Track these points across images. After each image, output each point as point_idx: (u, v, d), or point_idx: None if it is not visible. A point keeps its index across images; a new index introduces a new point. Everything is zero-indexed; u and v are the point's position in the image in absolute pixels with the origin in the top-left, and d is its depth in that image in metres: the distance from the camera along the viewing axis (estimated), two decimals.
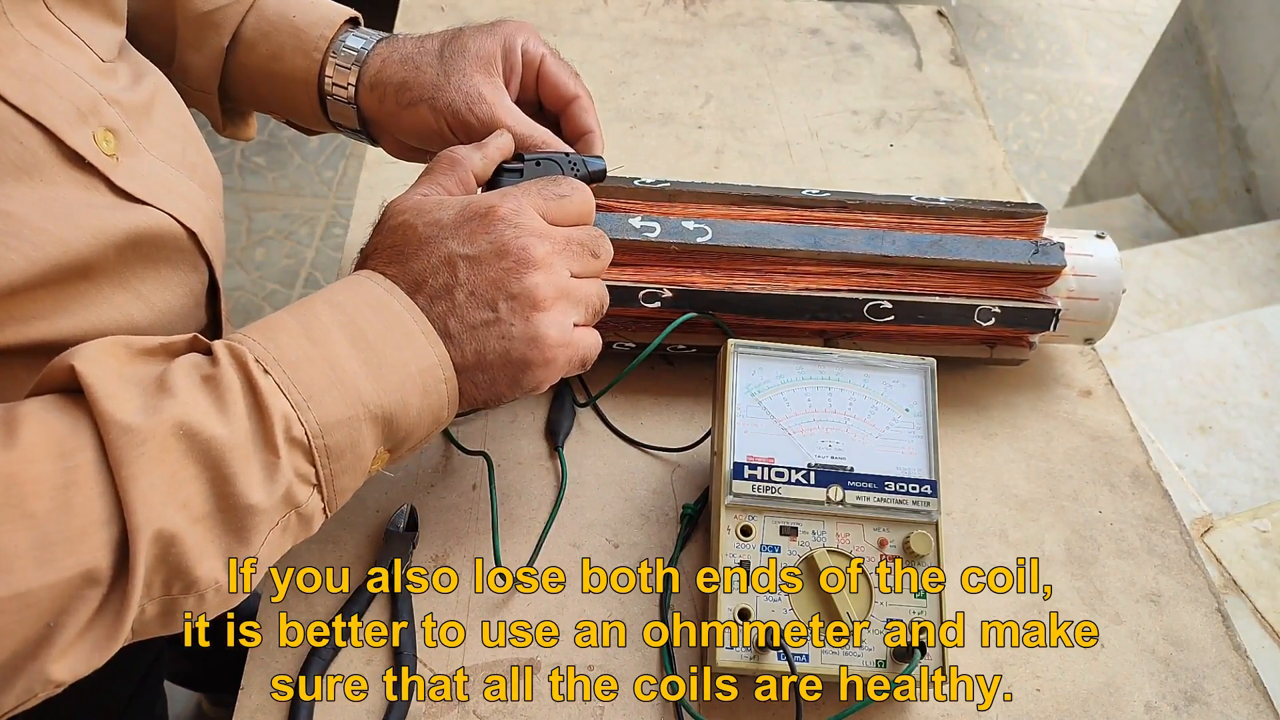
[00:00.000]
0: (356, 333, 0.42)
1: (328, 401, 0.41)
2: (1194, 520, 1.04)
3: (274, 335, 0.41)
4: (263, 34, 0.58)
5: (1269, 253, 1.55)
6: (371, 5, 1.06)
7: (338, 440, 0.41)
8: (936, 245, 0.62)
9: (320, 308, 0.43)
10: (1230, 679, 0.56)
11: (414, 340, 0.43)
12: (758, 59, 0.95)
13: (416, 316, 0.44)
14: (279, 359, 0.40)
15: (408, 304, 0.44)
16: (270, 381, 0.40)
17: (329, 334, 0.42)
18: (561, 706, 0.52)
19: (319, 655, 0.52)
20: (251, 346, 0.40)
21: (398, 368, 0.43)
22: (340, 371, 0.41)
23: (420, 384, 0.43)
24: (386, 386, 0.42)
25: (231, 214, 1.97)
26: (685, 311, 0.60)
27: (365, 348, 0.42)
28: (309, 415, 0.40)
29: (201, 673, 1.17)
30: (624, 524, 0.60)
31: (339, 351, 0.42)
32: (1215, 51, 1.71)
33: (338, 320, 0.43)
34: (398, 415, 0.43)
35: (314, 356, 0.41)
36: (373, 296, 0.44)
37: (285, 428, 0.39)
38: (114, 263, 0.44)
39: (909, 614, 0.52)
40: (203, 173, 0.52)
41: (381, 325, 0.43)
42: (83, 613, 0.36)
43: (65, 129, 0.42)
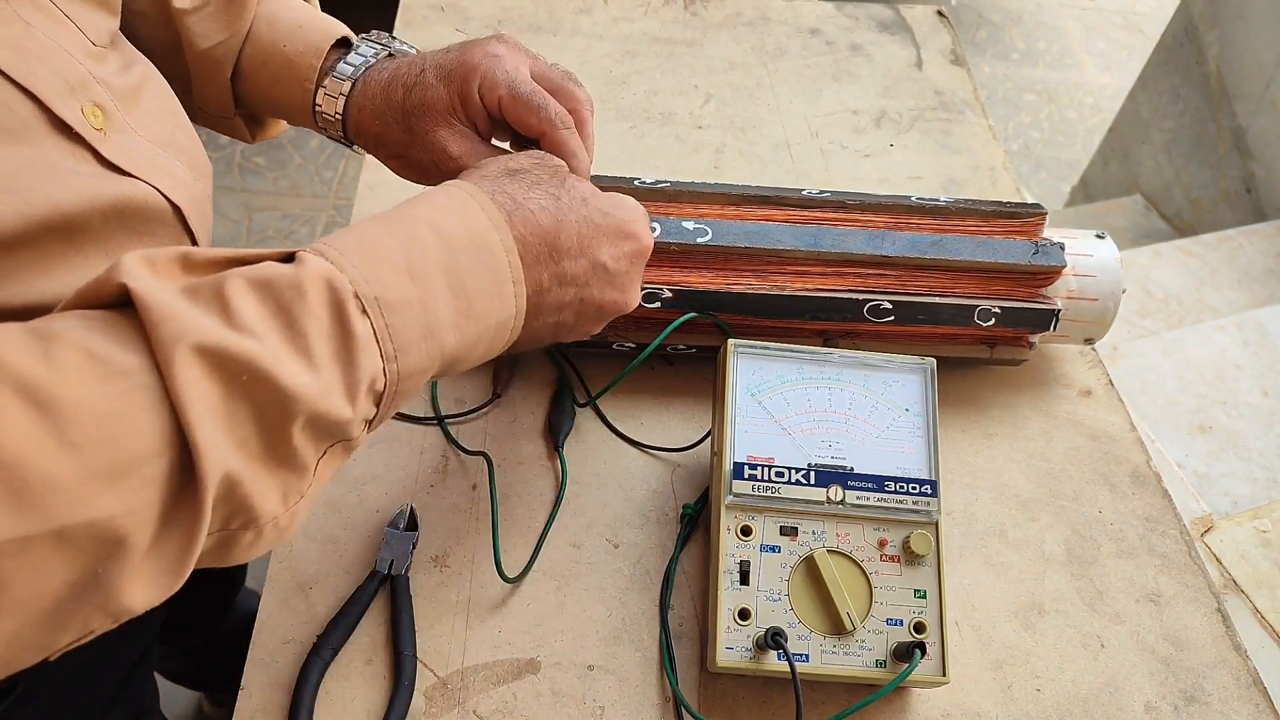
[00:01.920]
0: (456, 274, 0.41)
1: (414, 352, 0.39)
2: (1194, 520, 1.04)
3: (378, 265, 0.38)
4: (259, 64, 0.60)
5: (1269, 253, 1.55)
6: (372, 5, 1.06)
7: (408, 387, 0.40)
8: (936, 245, 0.62)
9: (425, 233, 0.41)
10: (1230, 679, 0.56)
11: (503, 291, 0.43)
12: (758, 59, 0.95)
13: (514, 262, 0.43)
14: (381, 299, 0.38)
15: (510, 245, 0.43)
16: (367, 327, 0.37)
17: (431, 272, 0.40)
18: (561, 706, 0.52)
19: (319, 655, 0.52)
20: (354, 276, 0.37)
21: (481, 318, 0.42)
22: (434, 321, 0.40)
23: (492, 335, 0.43)
24: (467, 337, 0.41)
25: (231, 214, 1.97)
26: (685, 312, 0.60)
27: (461, 294, 0.41)
28: (394, 365, 0.38)
29: (201, 672, 1.17)
30: (624, 524, 0.60)
31: (438, 297, 0.40)
32: (1215, 51, 1.71)
33: (441, 254, 0.40)
34: (461, 360, 0.42)
35: (414, 301, 0.39)
36: (479, 230, 0.42)
37: (370, 382, 0.38)
38: (99, 228, 0.44)
39: (909, 614, 0.52)
40: (190, 155, 0.53)
41: (480, 267, 0.42)
42: (137, 548, 0.33)
43: (55, 99, 0.43)
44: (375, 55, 0.59)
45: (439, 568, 0.57)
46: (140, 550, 0.33)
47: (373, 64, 0.58)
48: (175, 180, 0.49)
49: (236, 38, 0.59)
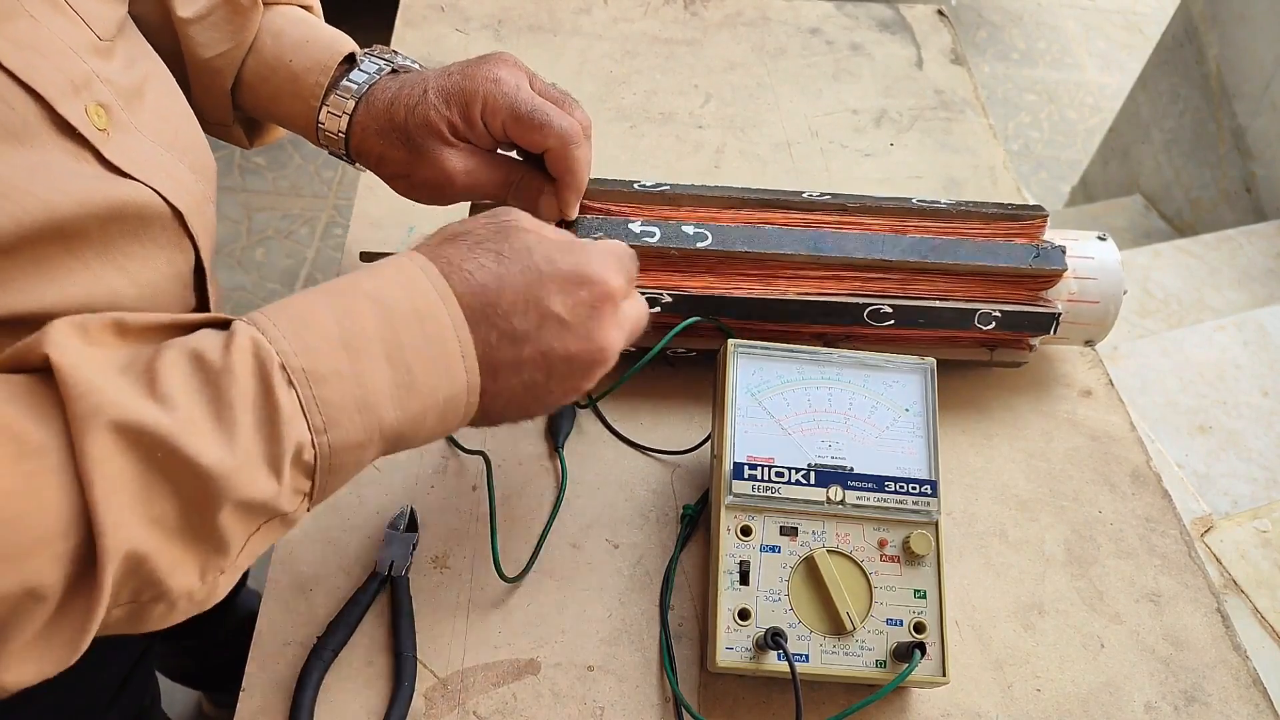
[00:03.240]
0: (396, 347, 0.39)
1: (347, 425, 0.38)
2: (1194, 520, 1.04)
3: (308, 333, 0.38)
4: (262, 78, 0.60)
5: (1269, 253, 1.55)
6: (372, 5, 1.06)
7: (343, 460, 0.39)
8: (937, 249, 0.62)
9: (364, 305, 0.39)
10: (1230, 679, 0.56)
11: (451, 365, 0.41)
12: (758, 59, 0.95)
13: (463, 336, 0.41)
14: (310, 370, 0.37)
15: (459, 319, 0.41)
16: (293, 399, 0.36)
17: (368, 344, 0.39)
18: (561, 707, 0.52)
19: (319, 656, 0.52)
20: (282, 347, 0.37)
21: (427, 393, 0.40)
22: (370, 395, 0.38)
23: (441, 411, 0.41)
24: (410, 413, 0.40)
25: (231, 214, 1.97)
26: (685, 316, 0.60)
27: (401, 368, 0.39)
28: (324, 439, 0.37)
29: (202, 671, 1.17)
30: (624, 524, 0.60)
31: (374, 370, 0.38)
32: (1215, 51, 1.71)
33: (380, 326, 0.39)
34: (408, 436, 0.41)
35: (346, 373, 0.38)
36: (425, 302, 0.40)
37: (296, 454, 0.37)
38: (97, 233, 0.44)
39: (909, 614, 0.52)
40: (194, 156, 0.53)
41: (423, 341, 0.40)
42: (29, 626, 0.33)
43: (58, 99, 0.42)
44: (379, 71, 0.59)
45: (439, 568, 0.57)
46: (32, 629, 0.33)
47: (376, 81, 0.59)
48: (177, 182, 0.49)
49: (239, 49, 0.59)
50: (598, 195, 0.62)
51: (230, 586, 0.39)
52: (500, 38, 0.93)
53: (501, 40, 0.93)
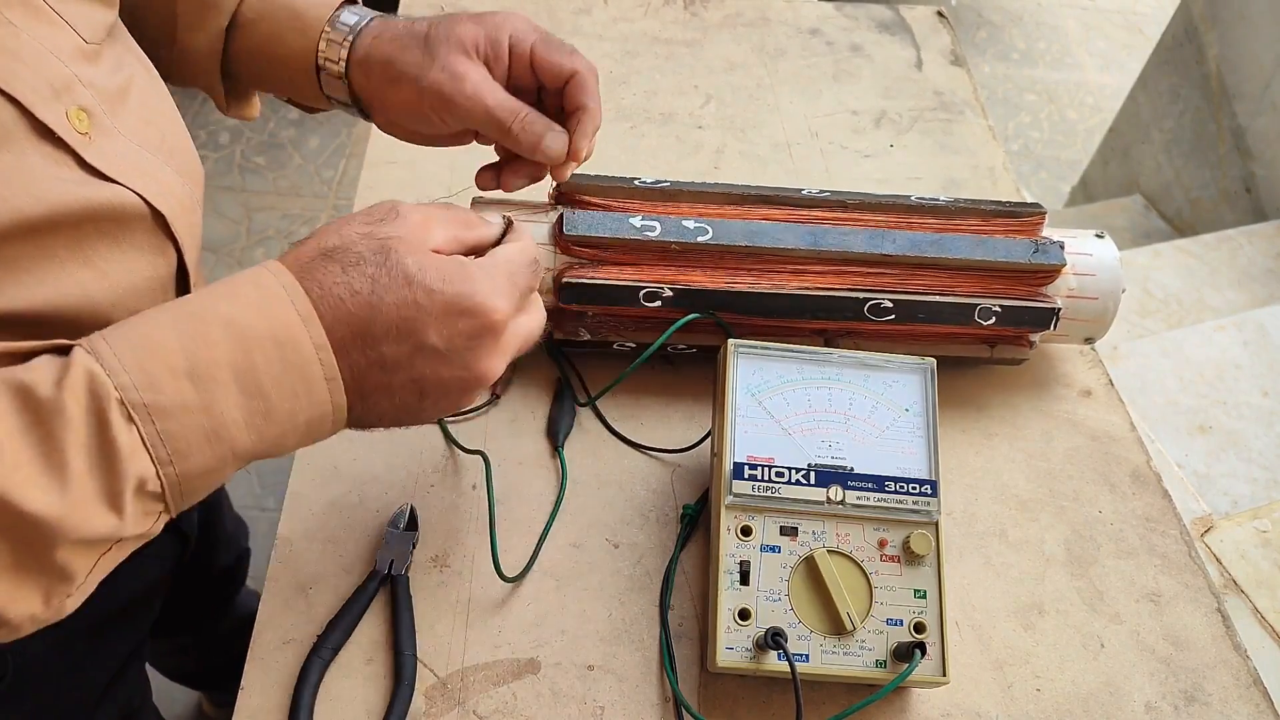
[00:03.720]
0: (250, 375, 0.38)
1: (196, 456, 0.37)
2: (1194, 520, 1.04)
3: (151, 363, 0.36)
4: (261, 15, 0.59)
5: (1269, 253, 1.55)
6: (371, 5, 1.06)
7: (196, 486, 0.38)
8: (936, 244, 0.62)
9: (216, 332, 0.38)
10: (1230, 679, 0.56)
11: (313, 390, 0.39)
12: (758, 59, 0.95)
13: (327, 359, 0.40)
14: (151, 405, 0.36)
15: (321, 341, 0.39)
16: (133, 436, 0.35)
17: (218, 373, 0.37)
18: (561, 706, 0.52)
19: (319, 655, 0.52)
20: (121, 380, 0.35)
21: (286, 418, 0.39)
22: (221, 425, 0.37)
23: (304, 432, 0.40)
24: (267, 438, 0.39)
25: (231, 214, 1.97)
26: (686, 311, 0.60)
27: (256, 395, 0.38)
28: (170, 469, 0.36)
29: (201, 671, 1.17)
30: (624, 524, 0.60)
31: (226, 399, 0.37)
32: (1215, 51, 1.71)
33: (232, 354, 0.38)
34: (271, 453, 0.40)
35: (193, 405, 0.36)
36: (283, 326, 0.39)
37: (138, 487, 0.36)
38: (70, 234, 0.44)
39: (909, 614, 0.52)
40: (181, 160, 0.52)
41: (281, 368, 0.38)
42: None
43: (38, 104, 0.42)
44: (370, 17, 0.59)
45: (439, 568, 0.57)
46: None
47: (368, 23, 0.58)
48: (160, 185, 0.49)
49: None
50: (598, 191, 0.62)
51: (79, 602, 0.38)
52: None
53: None
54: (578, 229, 0.59)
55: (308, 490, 0.59)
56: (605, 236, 0.59)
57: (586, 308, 0.61)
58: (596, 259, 0.60)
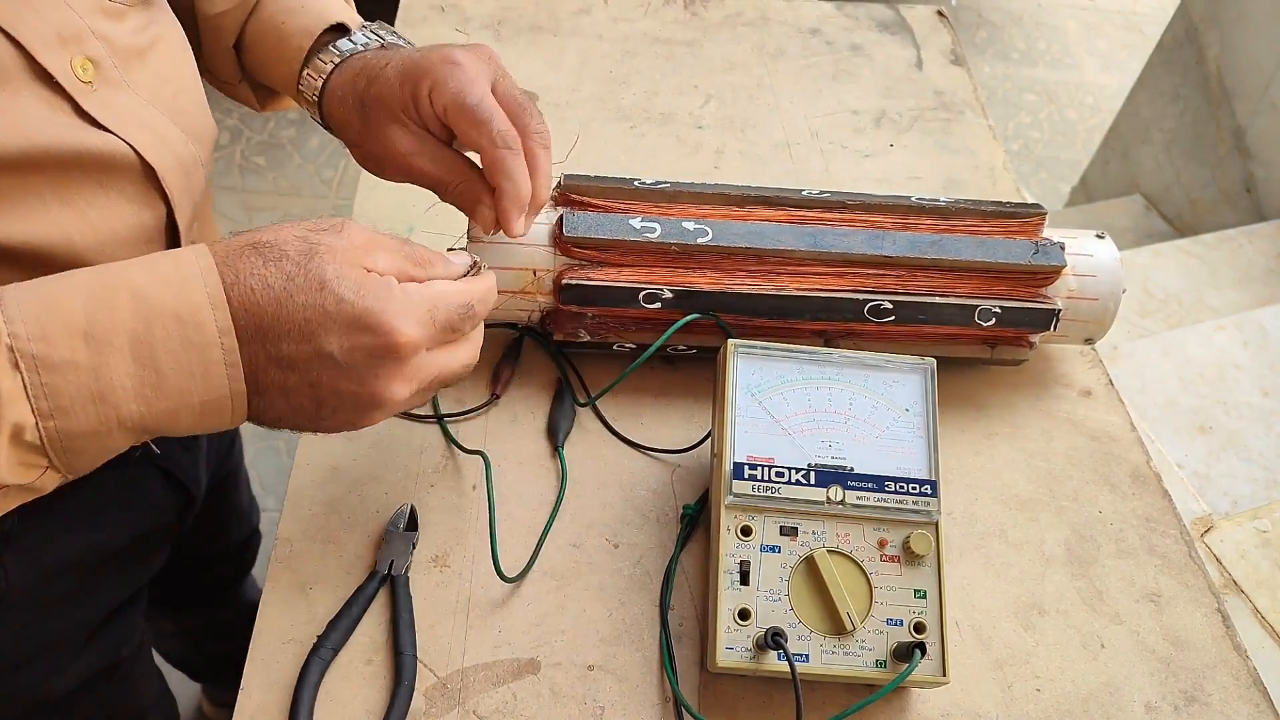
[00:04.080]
0: (146, 346, 0.39)
1: (79, 415, 0.38)
2: (1194, 520, 1.04)
3: (49, 318, 0.37)
4: (257, 39, 0.61)
5: (1269, 253, 1.55)
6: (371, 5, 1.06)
7: (80, 445, 0.39)
8: (937, 245, 0.62)
9: (123, 298, 0.39)
10: (1230, 679, 0.56)
11: (210, 371, 0.40)
12: (758, 59, 0.95)
13: (229, 345, 0.40)
14: (39, 357, 0.37)
15: (226, 327, 0.40)
16: (17, 384, 0.36)
17: (114, 338, 0.38)
18: (561, 706, 0.52)
19: (319, 655, 0.52)
20: (16, 328, 0.37)
21: (177, 395, 0.40)
22: (107, 387, 0.38)
23: (199, 411, 0.41)
24: (156, 411, 0.39)
25: (231, 214, 1.97)
26: (686, 312, 0.60)
27: (149, 367, 0.39)
28: (51, 424, 0.37)
29: (200, 659, 1.17)
30: (624, 524, 0.60)
31: (117, 364, 0.38)
32: (1215, 51, 1.71)
33: (132, 322, 0.39)
34: (162, 428, 0.41)
35: (83, 363, 0.38)
36: (189, 305, 0.39)
37: (15, 433, 0.37)
38: (53, 174, 0.45)
39: (909, 614, 0.52)
40: (190, 119, 0.54)
41: (180, 345, 0.39)
42: None
43: (41, 49, 0.44)
44: (366, 45, 0.59)
45: (439, 568, 0.57)
46: None
47: (360, 52, 0.58)
48: (160, 140, 0.50)
49: (241, 9, 0.61)
50: (598, 193, 0.62)
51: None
52: (500, 38, 0.93)
53: (501, 40, 0.93)
54: (578, 230, 0.59)
55: (308, 490, 0.59)
56: (605, 238, 0.59)
57: (586, 309, 0.61)
58: (596, 260, 0.60)
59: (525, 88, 0.88)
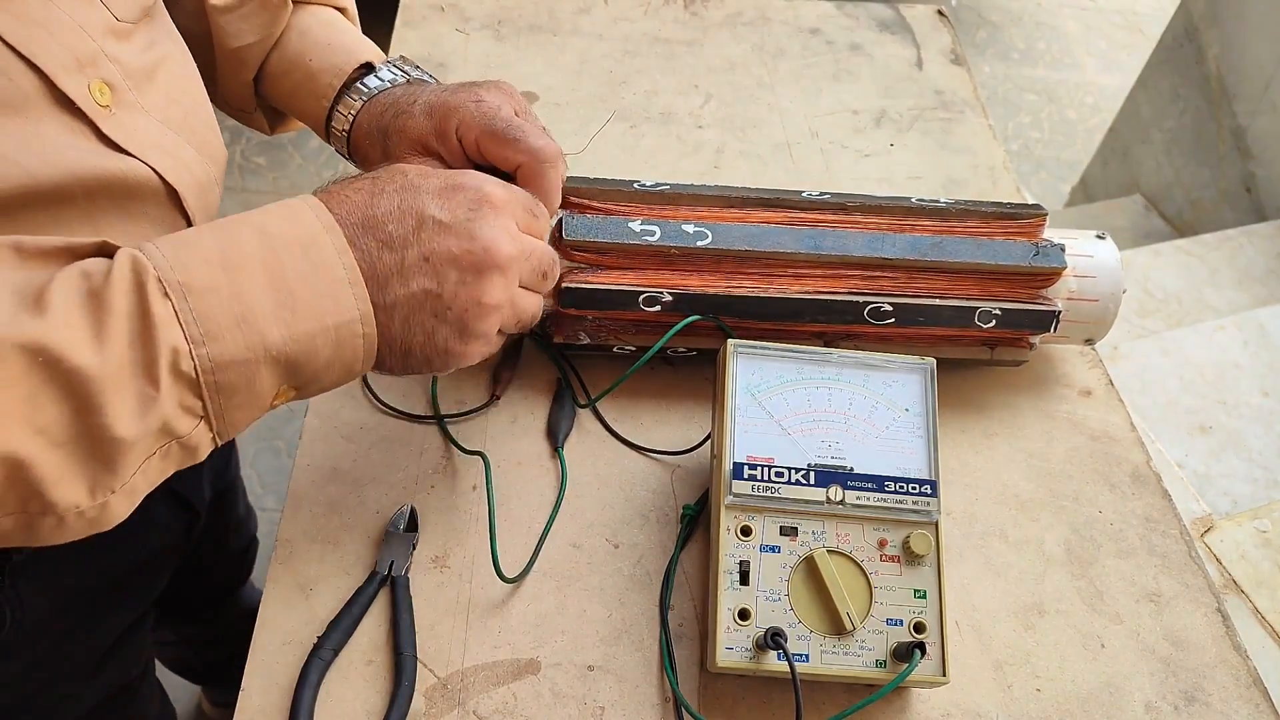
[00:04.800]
0: (277, 270, 0.40)
1: (228, 339, 0.39)
2: (1194, 520, 1.04)
3: (187, 253, 0.39)
4: (283, 72, 0.62)
5: (1269, 253, 1.55)
6: (372, 5, 1.06)
7: (231, 378, 0.40)
8: (937, 247, 0.62)
9: (246, 233, 0.41)
10: (1230, 679, 0.56)
11: (338, 291, 0.42)
12: (758, 59, 0.95)
13: (348, 263, 0.42)
14: (185, 283, 0.38)
15: (342, 247, 0.42)
16: (168, 308, 0.38)
17: (247, 264, 0.40)
18: (561, 706, 0.52)
19: (319, 656, 0.52)
20: (159, 262, 0.38)
21: (313, 317, 0.41)
22: (249, 309, 0.40)
23: (334, 337, 0.42)
24: (296, 334, 0.41)
25: (231, 214, 1.97)
26: (685, 315, 0.60)
27: (283, 289, 0.40)
28: (203, 351, 0.39)
29: (203, 664, 1.17)
30: (624, 524, 0.60)
31: (253, 287, 0.40)
32: (1215, 51, 1.71)
33: (261, 251, 0.40)
34: (303, 362, 0.42)
35: (223, 287, 0.39)
36: (307, 232, 0.42)
37: (172, 361, 0.38)
38: (81, 201, 0.45)
39: (909, 614, 0.52)
40: (202, 139, 0.54)
41: (307, 267, 0.41)
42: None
43: (60, 74, 0.44)
44: (393, 81, 0.61)
45: (439, 568, 0.57)
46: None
47: (387, 89, 0.60)
48: (178, 162, 0.50)
49: (266, 41, 0.61)
50: (597, 195, 0.62)
51: (127, 511, 0.40)
52: (500, 38, 0.93)
53: (501, 40, 0.93)
54: (577, 233, 0.59)
55: (308, 491, 0.59)
56: (605, 241, 0.59)
57: (586, 312, 0.61)
58: (596, 263, 0.60)
59: (525, 88, 0.88)
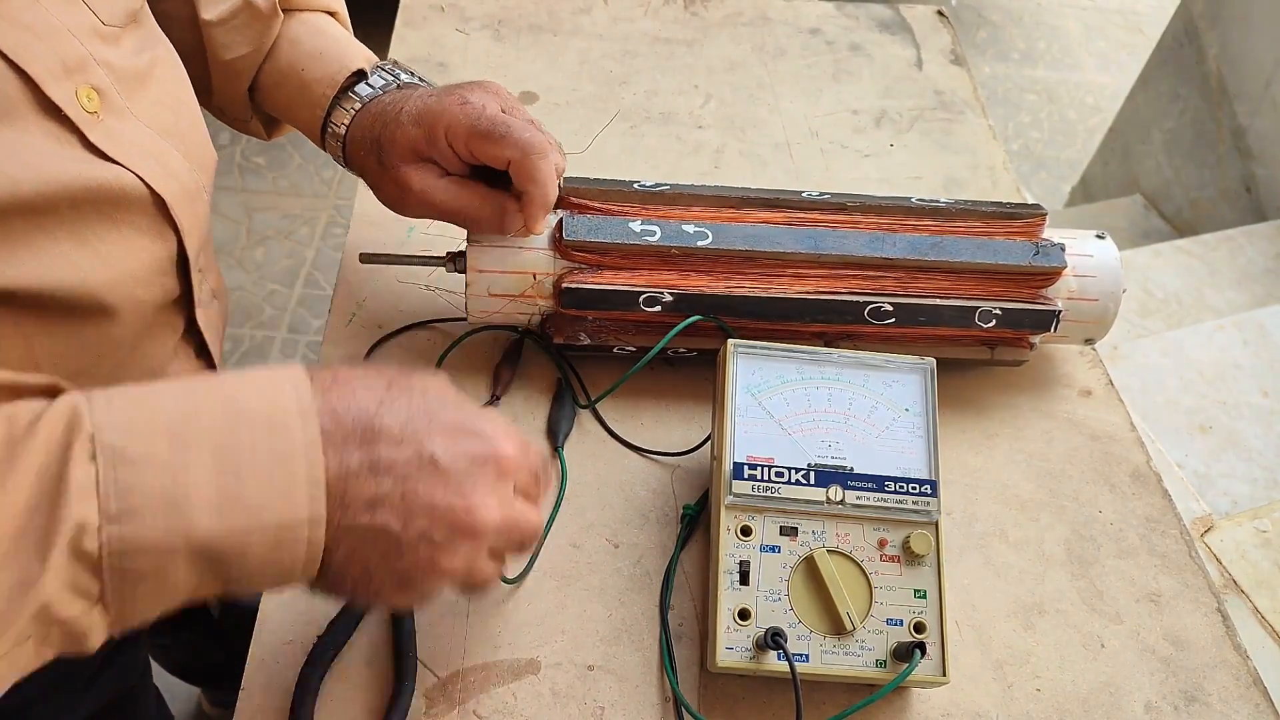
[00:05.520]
0: (231, 452, 0.36)
1: (148, 520, 0.34)
2: (1194, 520, 1.04)
3: (137, 414, 0.35)
4: (276, 83, 0.63)
5: (1269, 253, 1.55)
6: (372, 5, 1.06)
7: (140, 564, 0.34)
8: (937, 247, 0.62)
9: (211, 403, 0.37)
10: (1230, 679, 0.56)
11: (292, 489, 0.36)
12: (758, 59, 0.95)
13: (314, 459, 0.37)
14: (120, 450, 0.34)
15: (313, 440, 0.37)
16: (90, 474, 0.33)
17: (198, 442, 0.35)
18: (561, 706, 0.52)
19: (319, 655, 0.52)
20: (100, 419, 0.34)
21: (254, 512, 0.36)
22: (183, 493, 0.35)
23: (274, 537, 0.36)
24: (230, 528, 0.36)
25: (231, 214, 1.97)
26: (686, 315, 0.60)
27: (231, 474, 0.36)
28: (114, 529, 0.34)
29: (202, 667, 1.17)
30: (624, 524, 0.60)
31: (197, 469, 0.35)
32: (1215, 51, 1.71)
33: (220, 426, 0.36)
34: (231, 560, 0.36)
35: (162, 463, 0.35)
36: (279, 412, 0.37)
37: (74, 537, 0.33)
38: (68, 212, 0.44)
39: (909, 614, 0.52)
40: (191, 145, 0.54)
41: (266, 453, 0.36)
42: None
43: (47, 80, 0.43)
44: (384, 87, 0.61)
45: None
46: None
47: (379, 95, 0.61)
48: (166, 171, 0.50)
49: (259, 53, 0.61)
50: (597, 195, 0.62)
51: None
52: (500, 38, 0.93)
53: (501, 40, 0.93)
54: (577, 234, 0.59)
55: None
56: (605, 241, 0.59)
57: (586, 312, 0.61)
58: (596, 264, 0.60)
59: (525, 88, 0.88)
